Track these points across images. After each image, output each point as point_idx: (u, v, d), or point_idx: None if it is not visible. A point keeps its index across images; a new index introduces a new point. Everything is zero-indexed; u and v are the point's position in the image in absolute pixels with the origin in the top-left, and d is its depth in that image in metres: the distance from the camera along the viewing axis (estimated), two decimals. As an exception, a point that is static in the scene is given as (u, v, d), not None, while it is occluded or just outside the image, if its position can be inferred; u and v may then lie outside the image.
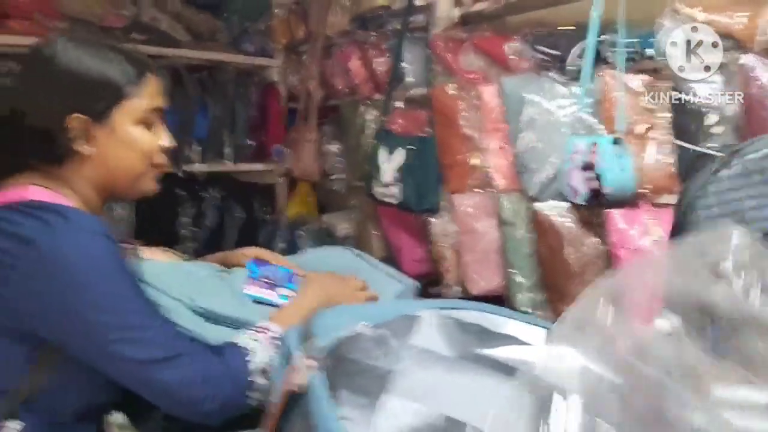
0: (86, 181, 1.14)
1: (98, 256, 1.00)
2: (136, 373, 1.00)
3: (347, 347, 0.68)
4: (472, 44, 1.88)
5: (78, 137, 1.10)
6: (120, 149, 1.13)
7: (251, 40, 2.89)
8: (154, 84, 1.17)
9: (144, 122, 1.15)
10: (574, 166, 1.55)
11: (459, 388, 0.58)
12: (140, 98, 1.13)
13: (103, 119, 1.11)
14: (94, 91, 1.10)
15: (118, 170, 1.15)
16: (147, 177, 1.19)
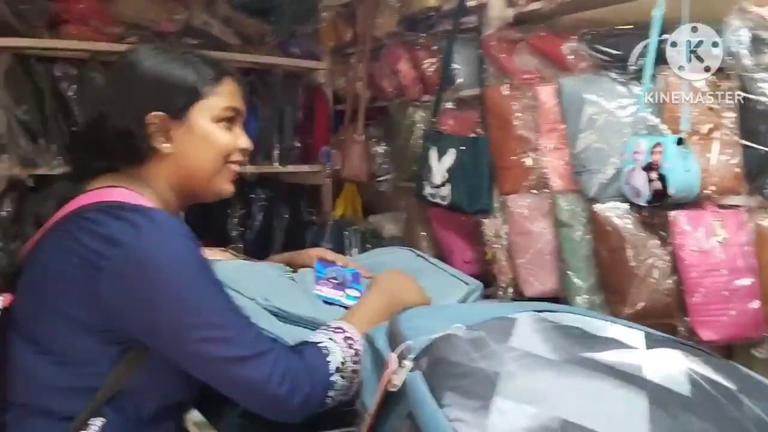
0: (165, 181, 1.17)
1: (184, 257, 1.03)
2: (221, 371, 1.01)
3: (444, 349, 0.68)
4: (528, 44, 1.88)
5: (157, 135, 1.14)
6: (197, 146, 1.16)
7: (299, 43, 2.91)
8: (232, 86, 1.21)
9: (221, 121, 1.18)
10: (636, 166, 1.54)
11: (571, 391, 0.58)
12: (218, 97, 1.17)
13: (181, 117, 1.15)
14: (172, 90, 1.14)
15: (195, 168, 1.18)
16: (223, 176, 1.21)
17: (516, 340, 0.66)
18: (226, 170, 1.21)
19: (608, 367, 0.61)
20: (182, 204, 1.23)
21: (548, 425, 0.54)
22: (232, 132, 1.21)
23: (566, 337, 0.66)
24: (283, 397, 1.01)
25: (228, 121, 1.19)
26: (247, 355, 1.01)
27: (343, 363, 1.08)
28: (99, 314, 1.02)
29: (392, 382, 0.68)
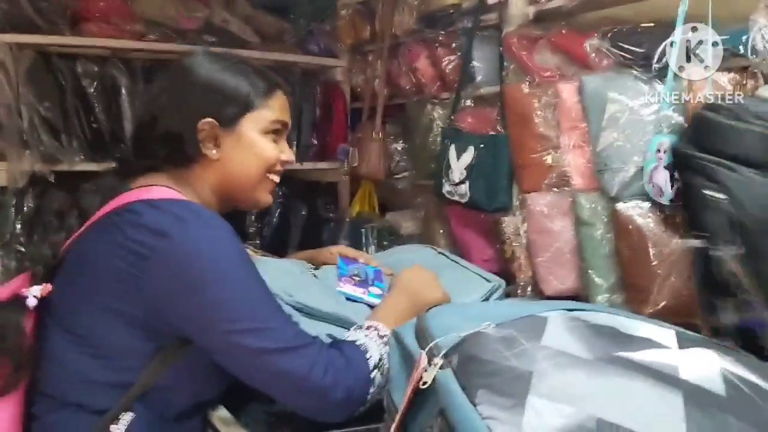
0: (208, 185, 1.20)
1: (228, 250, 1.05)
2: (263, 363, 1.02)
3: (474, 347, 0.68)
4: (549, 42, 1.86)
5: (206, 141, 1.18)
6: (243, 155, 1.20)
7: (317, 40, 2.91)
8: (281, 100, 1.26)
9: (269, 133, 1.23)
10: (659, 165, 1.53)
11: (607, 390, 0.57)
12: (268, 110, 1.23)
13: (232, 125, 1.19)
14: (225, 99, 1.19)
15: (238, 176, 1.21)
16: (264, 186, 1.25)
17: (548, 338, 0.66)
18: (267, 181, 1.26)
19: (643, 366, 0.60)
20: (221, 209, 1.24)
21: (584, 424, 0.54)
22: (278, 144, 1.25)
23: (599, 337, 0.66)
24: (326, 390, 1.02)
25: (275, 134, 1.24)
26: (290, 346, 1.02)
27: (381, 360, 1.09)
28: (142, 306, 1.03)
29: (423, 379, 0.68)
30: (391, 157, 2.75)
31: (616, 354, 0.62)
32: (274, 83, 1.26)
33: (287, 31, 2.80)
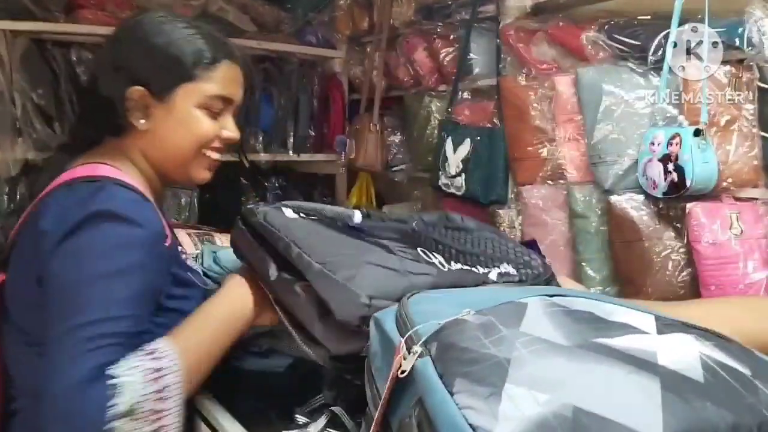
0: (143, 157, 1.13)
1: (101, 243, 0.96)
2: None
3: (454, 334, 0.67)
4: (546, 34, 1.86)
5: (135, 109, 1.09)
6: (174, 129, 1.11)
7: (315, 31, 2.90)
8: (229, 73, 1.13)
9: (208, 108, 1.11)
10: (653, 158, 1.52)
11: (584, 377, 0.56)
12: (209, 83, 1.10)
13: (165, 96, 1.09)
14: (161, 67, 1.08)
15: (169, 150, 1.12)
16: (198, 164, 1.15)
17: (527, 325, 0.65)
18: (203, 158, 1.15)
19: (620, 352, 0.60)
20: (163, 182, 1.18)
21: (560, 412, 0.53)
22: (218, 120, 1.13)
23: (578, 322, 0.65)
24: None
25: (215, 109, 1.13)
26: (65, 359, 0.89)
27: (138, 403, 0.88)
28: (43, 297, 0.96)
29: (402, 368, 0.67)
30: (388, 150, 2.74)
31: (594, 340, 0.62)
32: (225, 53, 1.12)
33: (285, 21, 2.79)
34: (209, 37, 1.12)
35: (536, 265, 1.11)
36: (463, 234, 1.21)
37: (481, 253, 1.11)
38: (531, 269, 1.09)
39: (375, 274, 0.93)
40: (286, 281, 0.98)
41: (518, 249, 1.16)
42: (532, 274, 1.08)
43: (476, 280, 1.00)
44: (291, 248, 0.98)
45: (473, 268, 1.04)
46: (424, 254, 1.04)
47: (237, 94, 1.16)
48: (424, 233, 1.15)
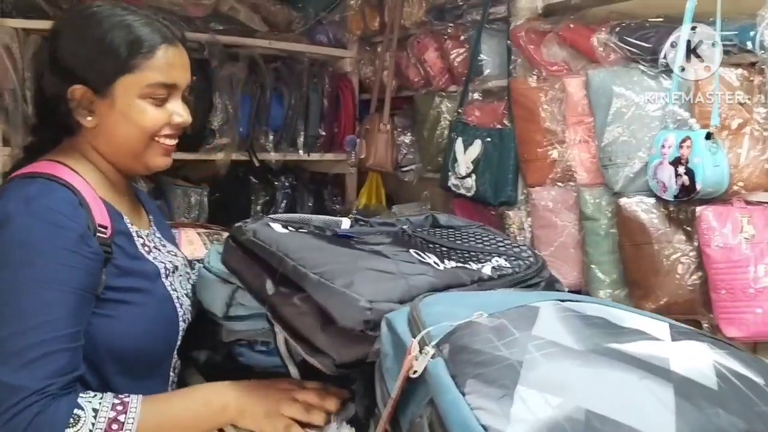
0: (97, 154, 1.12)
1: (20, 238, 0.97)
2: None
3: (466, 336, 0.67)
4: (557, 35, 1.86)
5: (79, 108, 1.08)
6: (119, 123, 1.09)
7: (326, 30, 2.91)
8: (170, 58, 1.10)
9: (151, 97, 1.09)
10: (663, 160, 1.52)
11: (596, 382, 0.57)
12: (148, 71, 1.07)
13: (105, 91, 1.07)
14: (96, 63, 1.06)
15: (118, 144, 1.11)
16: (152, 152, 1.14)
17: (539, 328, 0.65)
18: (156, 145, 1.13)
19: (634, 358, 0.60)
20: (124, 174, 1.18)
21: (572, 416, 0.53)
22: (164, 108, 1.11)
23: (590, 327, 0.66)
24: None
25: (159, 97, 1.10)
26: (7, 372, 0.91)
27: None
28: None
29: (413, 368, 0.68)
30: (398, 150, 2.75)
31: (607, 345, 0.62)
32: (160, 38, 1.08)
33: (296, 21, 2.80)
34: (145, 23, 1.09)
35: (527, 256, 1.11)
36: (451, 231, 1.22)
37: (472, 249, 1.11)
38: (522, 260, 1.09)
39: (372, 278, 0.93)
40: (285, 295, 0.98)
41: (507, 241, 1.17)
42: (525, 264, 1.08)
43: (471, 276, 1.00)
44: (285, 261, 0.98)
45: (466, 265, 1.04)
46: (418, 255, 1.04)
47: (181, 78, 1.13)
48: (414, 235, 1.15)
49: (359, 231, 1.14)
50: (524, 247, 1.15)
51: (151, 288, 1.12)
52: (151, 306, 1.11)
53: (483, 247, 1.13)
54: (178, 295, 1.18)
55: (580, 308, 0.71)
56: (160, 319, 1.13)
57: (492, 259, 1.07)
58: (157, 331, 1.12)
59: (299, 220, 1.14)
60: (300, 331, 0.96)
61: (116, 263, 1.06)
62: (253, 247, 1.04)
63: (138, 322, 1.08)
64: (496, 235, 1.20)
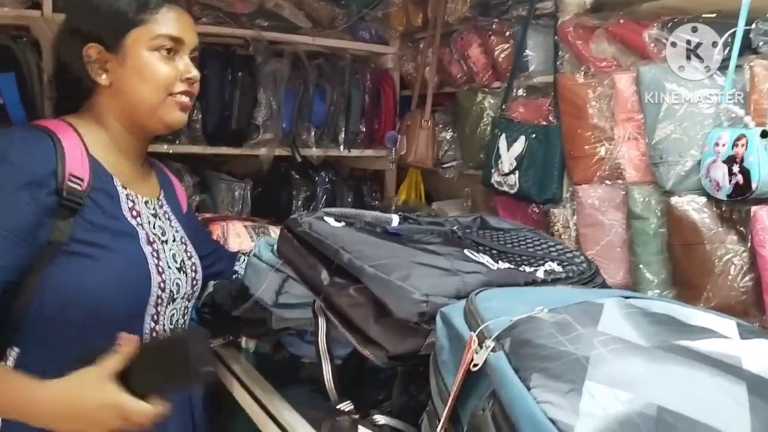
0: (110, 114, 1.18)
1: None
2: None
3: (528, 331, 0.67)
4: (606, 31, 1.83)
5: (95, 67, 1.14)
6: (134, 78, 1.15)
7: (368, 27, 2.90)
8: (175, 15, 1.17)
9: (159, 50, 1.16)
10: (717, 159, 1.49)
11: (666, 378, 0.56)
12: (153, 25, 1.15)
13: (117, 47, 1.14)
14: (106, 20, 1.13)
15: (135, 100, 1.17)
16: (168, 107, 1.19)
17: (604, 324, 0.65)
18: (171, 101, 1.19)
19: (704, 355, 0.59)
20: (137, 136, 1.22)
21: (644, 411, 0.52)
22: (174, 63, 1.18)
23: (656, 324, 0.65)
24: None
25: (167, 51, 1.16)
26: None
27: None
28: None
29: (474, 361, 0.68)
30: (439, 146, 2.73)
31: (675, 342, 0.61)
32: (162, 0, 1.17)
33: (339, 17, 2.80)
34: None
35: (579, 262, 1.11)
36: (501, 234, 1.22)
37: (523, 253, 1.11)
38: (575, 266, 1.09)
39: (428, 273, 0.95)
40: (340, 285, 1.01)
41: (559, 246, 1.16)
42: (578, 270, 1.08)
43: (525, 278, 1.00)
44: (341, 254, 1.00)
45: (519, 267, 1.04)
46: (471, 254, 1.05)
47: (187, 35, 1.19)
48: (464, 236, 1.16)
49: (409, 229, 1.15)
50: (577, 252, 1.14)
51: (121, 248, 1.14)
52: (117, 265, 1.12)
53: (534, 251, 1.13)
54: (159, 263, 1.19)
55: (645, 305, 0.70)
56: (125, 279, 1.13)
57: (545, 263, 1.06)
58: (120, 291, 1.12)
59: (351, 215, 1.15)
60: (354, 321, 0.97)
61: (87, 218, 1.09)
62: (308, 238, 1.06)
63: (99, 277, 1.09)
64: (547, 239, 1.19)
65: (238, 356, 1.38)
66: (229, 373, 1.32)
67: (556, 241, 1.21)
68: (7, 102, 2.09)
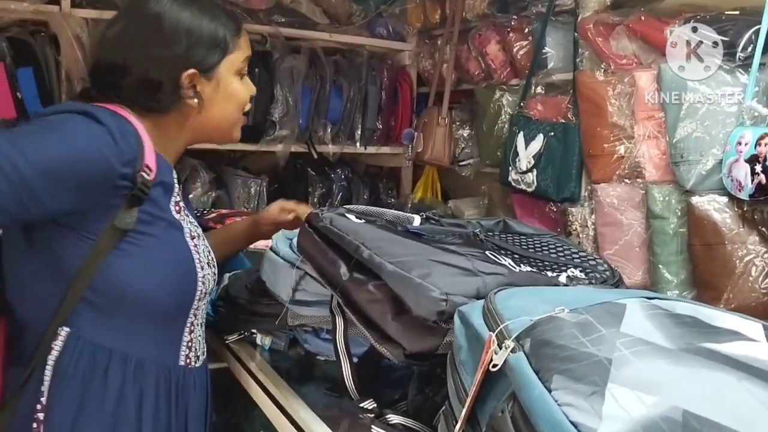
0: (184, 128, 1.18)
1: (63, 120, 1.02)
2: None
3: (549, 331, 0.65)
4: (627, 28, 1.81)
5: (188, 91, 1.14)
6: (223, 100, 1.18)
7: (385, 23, 2.90)
8: (246, 35, 1.22)
9: (240, 73, 1.20)
10: (739, 158, 1.47)
11: (692, 381, 0.55)
12: (239, 51, 1.18)
13: (211, 72, 1.16)
14: (204, 47, 1.14)
15: (218, 120, 1.20)
16: (238, 124, 1.25)
17: (627, 325, 0.63)
18: (241, 118, 1.25)
19: (730, 358, 0.57)
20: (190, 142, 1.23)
21: (669, 415, 0.51)
22: (245, 81, 1.22)
23: (681, 326, 0.63)
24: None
25: (244, 72, 1.22)
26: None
27: None
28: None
29: (493, 361, 0.66)
30: (456, 143, 2.72)
31: (701, 345, 0.59)
32: (240, 20, 1.22)
33: (356, 13, 2.79)
34: (225, 8, 1.21)
35: (603, 270, 1.10)
36: (524, 239, 1.21)
37: (546, 258, 1.10)
38: (598, 273, 1.07)
39: (448, 272, 0.93)
40: (359, 281, 1.00)
41: (582, 253, 1.15)
42: (600, 278, 1.06)
43: (547, 283, 0.99)
44: (361, 250, 0.99)
45: (542, 272, 1.03)
46: (493, 256, 1.03)
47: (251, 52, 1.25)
48: (486, 239, 1.15)
49: (430, 229, 1.14)
50: (600, 260, 1.13)
51: (171, 241, 1.13)
52: (168, 258, 1.12)
53: (557, 257, 1.12)
54: (200, 258, 1.18)
55: (669, 306, 0.68)
56: (175, 273, 1.13)
57: (567, 269, 1.05)
58: (171, 283, 1.12)
59: (373, 213, 1.15)
60: (372, 317, 0.96)
61: (146, 209, 1.07)
62: (329, 233, 1.05)
63: (152, 269, 1.09)
64: (570, 246, 1.18)
65: (253, 353, 1.37)
66: (244, 369, 1.32)
67: (579, 248, 1.20)
68: (25, 96, 2.10)
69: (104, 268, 1.04)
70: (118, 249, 1.05)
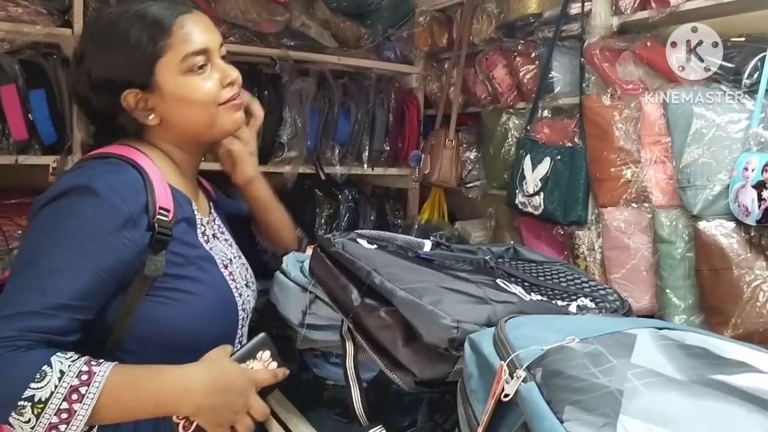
0: (168, 144, 1.16)
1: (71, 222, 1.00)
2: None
3: (559, 361, 0.66)
4: (633, 54, 1.82)
5: (138, 112, 1.11)
6: (179, 107, 1.12)
7: (393, 46, 2.92)
8: (188, 27, 1.10)
9: (191, 70, 1.10)
10: (746, 184, 1.48)
11: (703, 414, 0.55)
12: (175, 48, 1.08)
13: (151, 85, 1.10)
14: (128, 62, 1.08)
15: (188, 126, 1.14)
16: (222, 116, 1.16)
17: (638, 356, 0.64)
18: (224, 109, 1.16)
19: (740, 391, 0.58)
20: (197, 155, 1.21)
21: (680, 448, 0.52)
22: (209, 75, 1.13)
23: (692, 357, 0.64)
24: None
25: (198, 66, 1.11)
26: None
27: (43, 403, 0.89)
28: None
29: (504, 391, 0.67)
30: (463, 165, 2.73)
31: (711, 377, 0.60)
32: (175, 12, 1.10)
33: (364, 37, 2.82)
34: (154, 4, 1.11)
35: (613, 300, 1.10)
36: (533, 266, 1.22)
37: (556, 287, 1.11)
38: (608, 303, 1.08)
39: (459, 299, 0.94)
40: (370, 307, 1.01)
41: (592, 283, 1.16)
42: (611, 307, 1.07)
43: (557, 312, 0.99)
44: (373, 275, 1.00)
45: (552, 301, 1.03)
46: (504, 284, 1.04)
47: (209, 40, 1.13)
48: (496, 267, 1.15)
49: (441, 255, 1.15)
50: (610, 290, 1.14)
51: (207, 278, 1.13)
52: (207, 295, 1.12)
53: (567, 285, 1.13)
54: (236, 285, 1.19)
55: (679, 337, 0.69)
56: (216, 308, 1.14)
57: (577, 298, 1.06)
58: (214, 320, 1.13)
59: (384, 238, 1.16)
60: (383, 343, 0.97)
61: (175, 250, 1.08)
62: (341, 258, 1.06)
63: (193, 310, 1.09)
64: (580, 274, 1.19)
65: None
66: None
67: (589, 276, 1.20)
68: (37, 118, 2.12)
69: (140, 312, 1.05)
70: (154, 296, 1.05)
